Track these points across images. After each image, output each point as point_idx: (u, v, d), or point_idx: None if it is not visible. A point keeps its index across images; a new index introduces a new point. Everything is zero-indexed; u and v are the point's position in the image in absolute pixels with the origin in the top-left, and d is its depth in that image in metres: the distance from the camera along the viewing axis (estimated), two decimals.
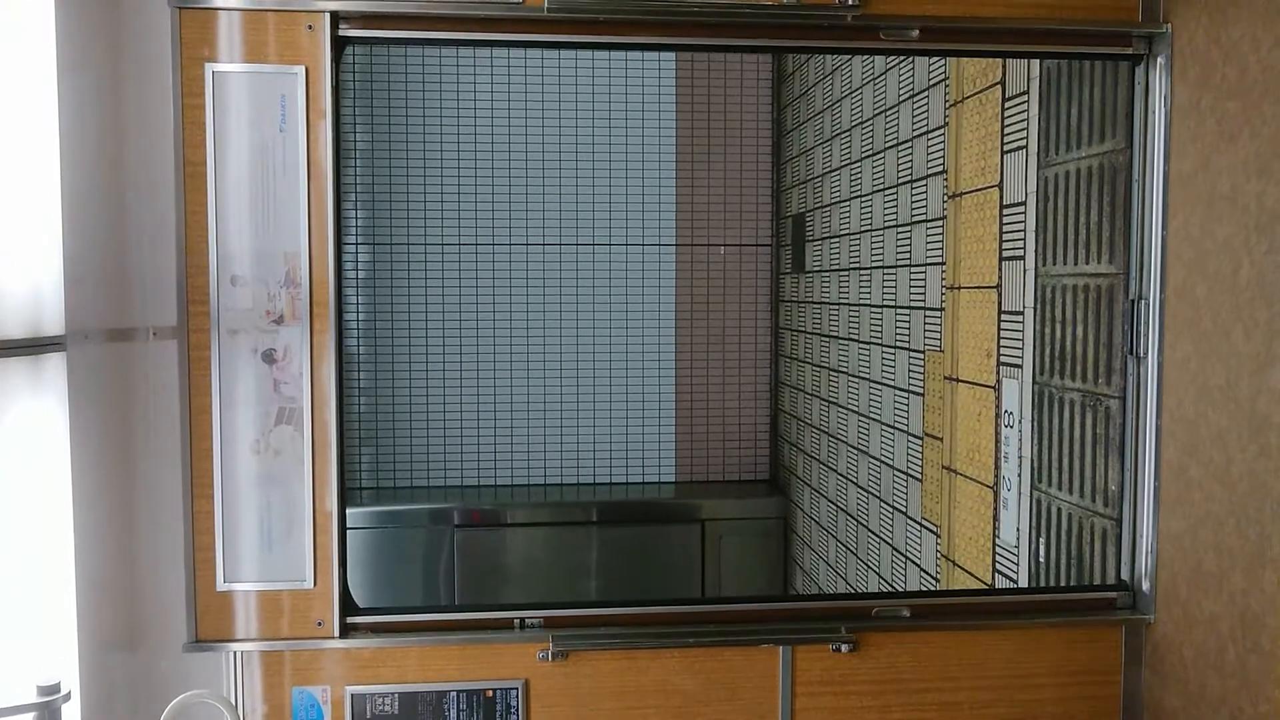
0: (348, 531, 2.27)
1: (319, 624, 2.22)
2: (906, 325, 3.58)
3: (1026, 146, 2.81)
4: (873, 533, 3.90)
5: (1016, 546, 2.87)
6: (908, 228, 3.58)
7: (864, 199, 4.00)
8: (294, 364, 2.18)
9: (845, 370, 4.20)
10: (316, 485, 2.20)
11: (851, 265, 4.13)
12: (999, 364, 2.95)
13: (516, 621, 2.29)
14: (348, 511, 2.27)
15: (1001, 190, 2.94)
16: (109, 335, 2.18)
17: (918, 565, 3.49)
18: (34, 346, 1.94)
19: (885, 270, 3.78)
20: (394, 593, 4.74)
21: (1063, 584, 2.66)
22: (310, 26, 2.15)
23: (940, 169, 3.32)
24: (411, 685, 2.26)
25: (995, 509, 2.98)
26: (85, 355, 2.07)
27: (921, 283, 3.46)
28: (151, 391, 2.25)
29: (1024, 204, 2.83)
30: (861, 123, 4.03)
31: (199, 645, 2.20)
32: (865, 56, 3.97)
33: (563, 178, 5.07)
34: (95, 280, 2.14)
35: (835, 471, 4.34)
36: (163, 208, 2.18)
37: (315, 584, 2.21)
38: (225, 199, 2.16)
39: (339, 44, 2.18)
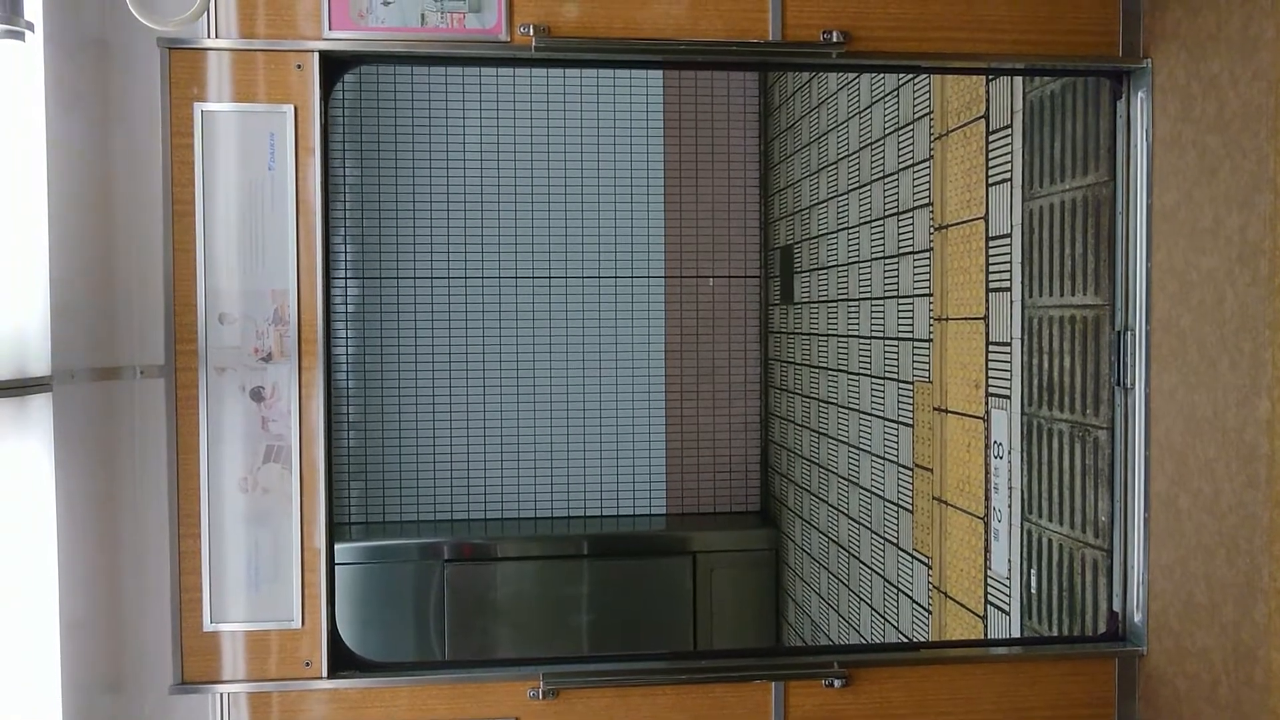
0: (336, 567, 2.26)
1: (307, 664, 2.20)
2: (895, 356, 3.59)
3: (1011, 179, 2.84)
4: (864, 564, 3.89)
5: (1008, 578, 2.86)
6: (895, 259, 3.60)
7: (851, 231, 4.03)
8: (282, 401, 2.18)
9: (835, 401, 4.21)
10: (305, 523, 2.19)
11: (840, 296, 4.15)
12: (987, 395, 2.96)
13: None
14: (336, 547, 2.26)
15: (987, 222, 2.97)
16: (95, 374, 2.17)
17: (909, 597, 3.47)
18: (19, 387, 1.93)
19: (873, 301, 3.79)
20: (384, 629, 4.70)
21: (1054, 615, 2.65)
22: (299, 66, 2.16)
23: (926, 201, 3.34)
24: None
25: (986, 540, 2.97)
26: (71, 395, 2.05)
27: (909, 314, 3.47)
28: (138, 430, 2.23)
29: (1009, 236, 2.85)
30: (848, 155, 4.06)
31: (185, 687, 2.18)
32: (851, 90, 4.00)
33: (551, 211, 5.09)
34: (82, 319, 2.13)
35: (826, 503, 4.33)
36: (151, 246, 2.18)
37: (303, 623, 2.19)
38: (214, 237, 2.16)
39: (329, 77, 2.19)
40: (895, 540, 3.59)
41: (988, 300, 2.96)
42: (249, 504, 2.18)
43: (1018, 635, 2.82)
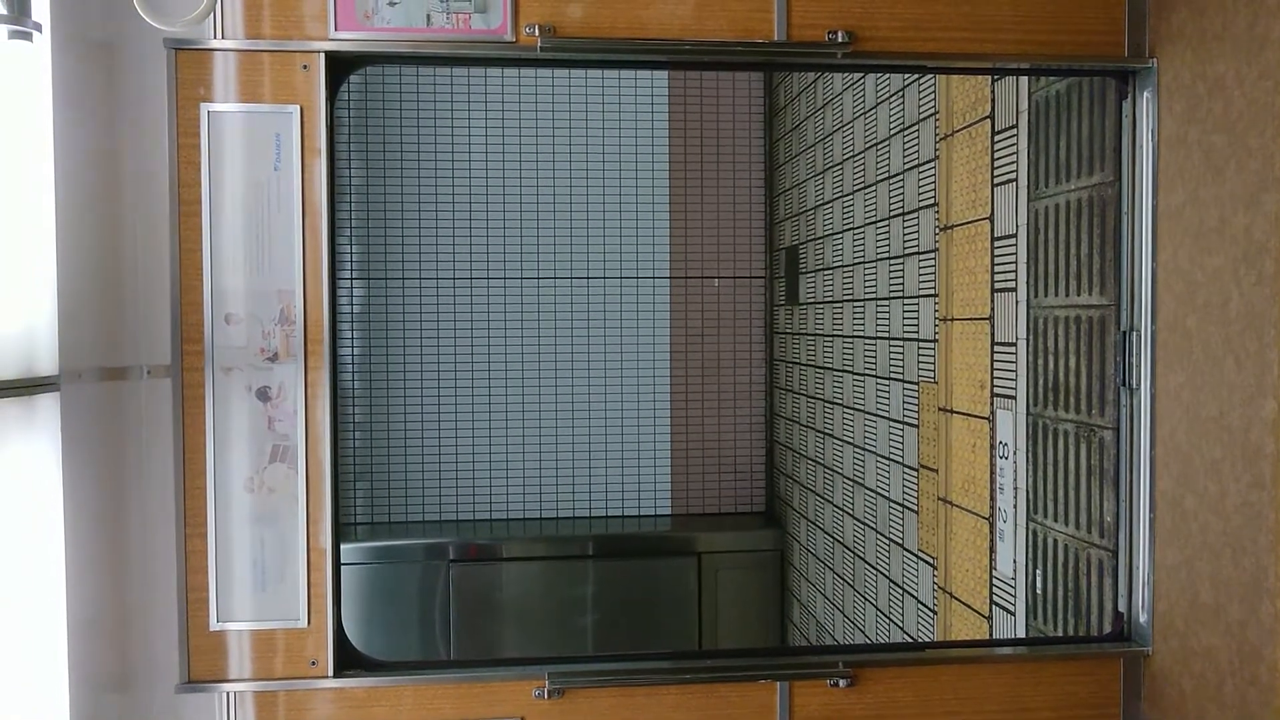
0: (342, 567, 2.26)
1: (313, 663, 2.20)
2: (900, 357, 3.59)
3: (1016, 179, 2.84)
4: (869, 565, 3.89)
5: (1013, 578, 2.86)
6: (900, 260, 3.60)
7: (856, 231, 4.03)
8: (288, 401, 2.18)
9: (840, 402, 4.21)
10: (310, 523, 2.19)
11: (845, 297, 4.15)
12: (993, 395, 2.96)
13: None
14: (342, 547, 2.26)
15: (993, 223, 2.96)
16: (103, 374, 2.18)
17: (915, 598, 3.47)
18: (27, 387, 1.93)
19: (878, 302, 3.79)
20: (389, 629, 4.70)
21: (1060, 615, 2.65)
22: (305, 66, 2.17)
23: (932, 202, 3.34)
24: None
25: (991, 540, 2.97)
26: (79, 395, 2.06)
27: (915, 314, 3.47)
28: (145, 430, 2.24)
29: (1015, 236, 2.84)
30: (853, 156, 4.06)
31: (191, 686, 2.18)
32: (857, 90, 4.00)
33: (557, 212, 5.09)
34: (89, 319, 2.14)
35: (831, 503, 4.33)
36: (157, 246, 2.19)
37: (309, 623, 2.20)
38: (220, 237, 2.17)
39: (335, 77, 2.20)
40: (900, 541, 3.59)
41: (993, 300, 2.96)
42: (255, 504, 2.18)
43: (1023, 635, 2.81)
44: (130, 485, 2.25)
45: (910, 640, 3.51)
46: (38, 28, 1.89)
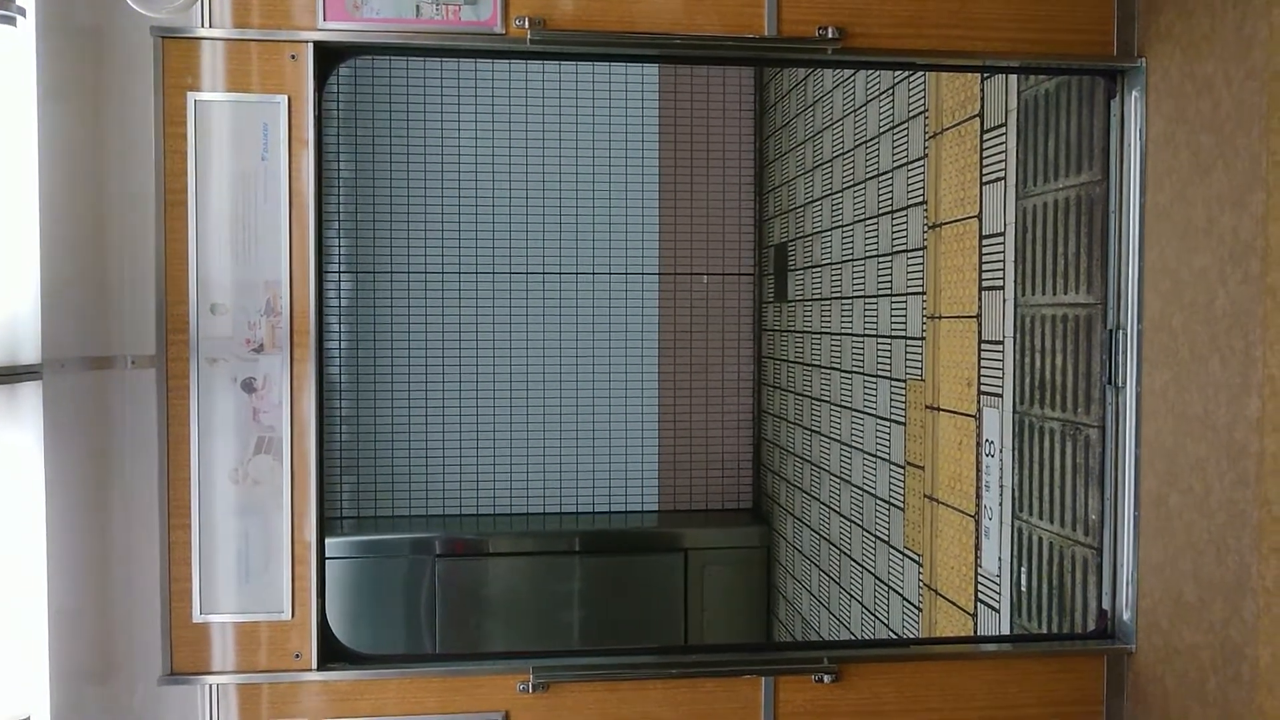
0: (327, 561, 2.25)
1: (296, 656, 2.19)
2: (888, 354, 3.60)
3: (1005, 178, 2.84)
4: (855, 562, 3.89)
5: (998, 575, 2.87)
6: (889, 257, 3.60)
7: (845, 229, 4.03)
8: (274, 393, 2.17)
9: (827, 399, 4.21)
10: (295, 515, 2.18)
11: (833, 294, 4.15)
12: (979, 393, 2.97)
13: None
14: (327, 541, 2.25)
15: (981, 221, 2.97)
16: (87, 363, 2.16)
17: (900, 594, 3.48)
18: (9, 375, 1.92)
19: (867, 300, 3.80)
20: (374, 624, 4.69)
21: (1044, 612, 2.66)
22: (293, 56, 2.16)
23: (920, 199, 3.35)
24: (390, 719, 2.23)
25: (977, 538, 2.98)
26: (62, 383, 2.05)
27: (902, 312, 3.48)
28: (129, 420, 2.23)
29: (1003, 234, 2.85)
30: (843, 153, 4.06)
31: (174, 678, 2.17)
32: (847, 88, 4.01)
33: (546, 207, 5.09)
34: (73, 308, 2.13)
35: (818, 500, 4.33)
36: (143, 236, 2.17)
37: (293, 615, 2.19)
38: (206, 227, 2.15)
39: (323, 68, 2.19)
40: (886, 538, 3.60)
41: (980, 298, 2.97)
42: (240, 495, 2.17)
43: (1008, 633, 2.82)
44: (114, 475, 2.24)
45: (895, 637, 3.52)
46: (21, 12, 1.87)
